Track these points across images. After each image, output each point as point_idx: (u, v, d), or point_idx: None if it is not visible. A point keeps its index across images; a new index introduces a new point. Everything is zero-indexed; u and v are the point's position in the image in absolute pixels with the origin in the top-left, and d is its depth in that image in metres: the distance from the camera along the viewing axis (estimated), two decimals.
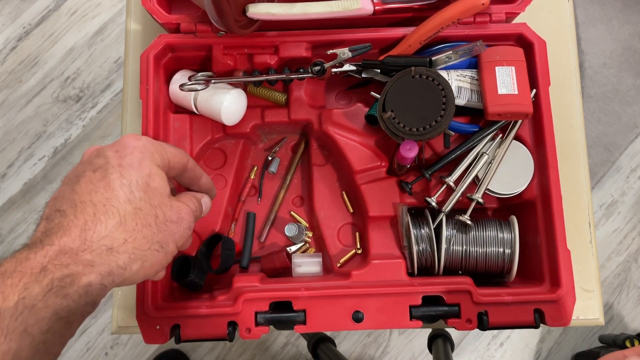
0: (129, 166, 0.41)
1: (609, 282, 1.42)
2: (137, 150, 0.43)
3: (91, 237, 0.38)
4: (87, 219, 0.38)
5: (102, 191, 0.40)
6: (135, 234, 0.40)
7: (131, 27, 0.71)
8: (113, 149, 0.42)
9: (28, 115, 1.51)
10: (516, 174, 0.59)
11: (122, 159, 0.42)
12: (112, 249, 0.38)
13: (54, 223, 0.38)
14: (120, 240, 0.39)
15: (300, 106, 0.63)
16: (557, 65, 0.67)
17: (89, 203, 0.39)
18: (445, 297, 0.54)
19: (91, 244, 0.38)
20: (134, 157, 0.42)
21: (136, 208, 0.40)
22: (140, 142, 0.43)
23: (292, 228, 0.64)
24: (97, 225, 0.38)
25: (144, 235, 0.40)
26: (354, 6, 0.57)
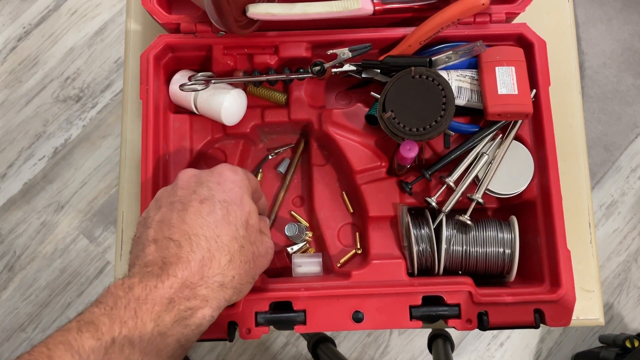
0: (233, 203, 0.44)
1: (609, 282, 1.42)
2: (237, 185, 0.46)
3: (207, 272, 0.41)
4: (204, 254, 0.41)
5: (213, 227, 0.43)
6: (240, 271, 0.43)
7: (131, 27, 0.71)
8: (214, 180, 0.45)
9: (28, 115, 1.51)
10: (516, 174, 0.59)
11: (226, 194, 0.45)
12: (223, 285, 0.42)
13: (169, 252, 0.41)
14: (230, 277, 0.42)
15: (300, 106, 0.63)
16: (557, 65, 0.67)
17: (202, 237, 0.42)
18: (445, 297, 0.54)
19: (207, 280, 0.41)
20: (235, 193, 0.45)
21: (241, 246, 0.44)
22: (238, 177, 0.46)
23: (292, 228, 0.64)
24: (212, 261, 0.42)
25: (245, 271, 0.44)
26: (354, 6, 0.57)
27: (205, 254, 0.41)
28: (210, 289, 0.41)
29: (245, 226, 0.45)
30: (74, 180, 1.48)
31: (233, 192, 0.45)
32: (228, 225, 0.43)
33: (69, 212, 1.46)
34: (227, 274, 0.42)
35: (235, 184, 0.46)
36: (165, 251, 0.41)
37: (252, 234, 0.45)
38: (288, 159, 0.67)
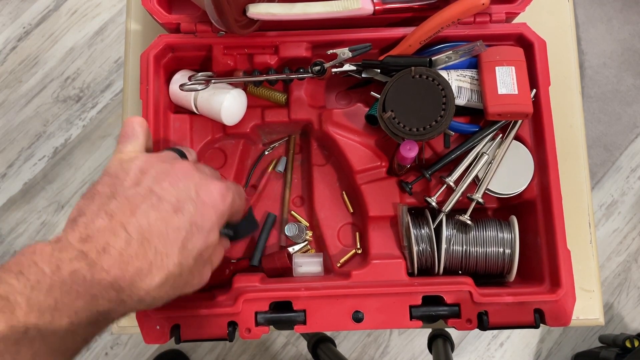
0: (202, 230, 0.42)
1: (609, 282, 1.42)
2: (217, 214, 0.43)
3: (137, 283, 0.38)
4: (143, 265, 0.38)
5: (169, 244, 0.40)
6: (161, 294, 0.40)
7: (131, 27, 0.71)
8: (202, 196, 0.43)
9: (28, 115, 1.51)
10: (516, 174, 0.59)
11: (202, 218, 0.42)
12: (142, 301, 0.39)
13: (115, 242, 0.38)
14: (151, 297, 0.39)
15: (300, 106, 0.63)
16: (557, 65, 0.67)
17: (152, 248, 0.39)
18: (445, 297, 0.54)
19: (132, 290, 0.38)
20: (210, 222, 0.43)
21: (179, 274, 0.41)
22: (223, 205, 0.44)
23: (293, 228, 0.64)
24: (147, 277, 0.39)
25: (167, 294, 0.41)
26: (354, 6, 0.57)
27: (145, 266, 0.38)
28: (130, 299, 0.38)
29: (196, 257, 0.42)
30: (74, 180, 1.48)
31: (208, 220, 0.42)
32: (182, 250, 0.40)
33: (69, 212, 1.45)
34: (150, 293, 0.39)
35: (215, 210, 0.43)
36: (111, 238, 0.38)
37: (197, 265, 0.43)
38: (285, 157, 0.67)
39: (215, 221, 0.43)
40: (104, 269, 0.37)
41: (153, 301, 0.40)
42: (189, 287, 0.44)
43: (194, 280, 0.44)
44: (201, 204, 0.42)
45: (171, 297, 0.42)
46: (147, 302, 0.40)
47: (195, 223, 0.41)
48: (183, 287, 0.43)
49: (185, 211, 0.41)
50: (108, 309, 0.37)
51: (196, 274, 0.44)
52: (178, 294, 0.43)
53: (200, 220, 0.42)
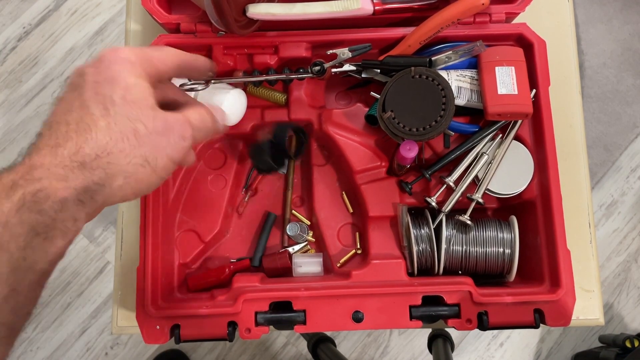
0: (105, 81, 0.40)
1: (609, 282, 1.42)
2: (115, 63, 0.41)
3: (62, 153, 0.37)
4: (59, 137, 0.37)
5: (77, 110, 0.39)
6: (108, 149, 0.38)
7: (131, 27, 0.71)
8: (92, 66, 0.41)
9: (28, 115, 1.51)
10: (516, 174, 0.59)
11: (99, 75, 0.40)
12: (85, 164, 0.37)
13: (32, 146, 0.38)
14: (92, 155, 0.37)
15: (300, 106, 0.63)
16: (557, 65, 0.67)
17: (63, 122, 0.38)
18: (445, 297, 0.54)
19: (63, 160, 0.37)
20: (111, 71, 0.40)
21: (109, 123, 0.38)
22: (118, 55, 0.41)
23: (294, 227, 0.64)
24: (68, 142, 0.37)
25: (120, 149, 0.38)
26: (354, 6, 0.57)
27: (61, 137, 0.37)
28: (68, 169, 0.37)
29: (121, 102, 0.39)
30: None
31: (108, 71, 0.40)
32: (95, 104, 0.39)
33: None
34: (87, 153, 0.37)
35: (113, 62, 0.40)
36: (29, 147, 0.38)
37: (132, 110, 0.39)
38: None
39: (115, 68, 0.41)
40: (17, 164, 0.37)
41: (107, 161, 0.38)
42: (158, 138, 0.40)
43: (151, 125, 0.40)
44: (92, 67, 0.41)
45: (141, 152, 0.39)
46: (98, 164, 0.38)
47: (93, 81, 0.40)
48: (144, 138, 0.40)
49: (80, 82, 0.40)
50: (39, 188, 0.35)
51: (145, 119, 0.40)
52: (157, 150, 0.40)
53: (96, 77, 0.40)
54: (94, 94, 0.39)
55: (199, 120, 0.44)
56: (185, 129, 0.42)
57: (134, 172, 0.39)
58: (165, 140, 0.41)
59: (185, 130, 0.42)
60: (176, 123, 0.42)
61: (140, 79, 0.41)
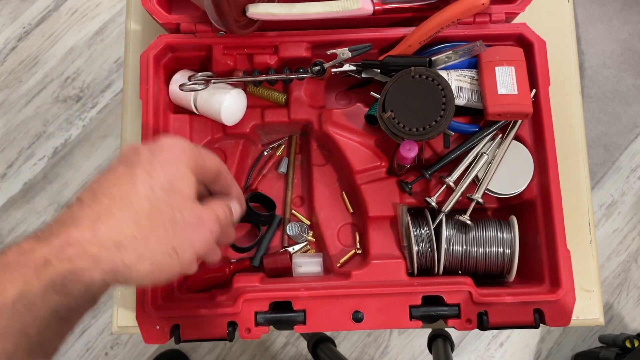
0: (158, 164, 0.40)
1: (609, 282, 1.42)
2: (171, 151, 0.42)
3: (101, 230, 0.36)
4: (101, 210, 0.37)
5: (124, 185, 0.38)
6: (146, 233, 0.38)
7: (131, 27, 0.71)
8: (148, 147, 0.42)
9: (28, 115, 1.51)
10: (516, 174, 0.59)
11: (154, 158, 0.40)
12: (120, 245, 0.36)
13: (69, 212, 0.37)
14: (130, 236, 0.37)
15: (300, 106, 0.63)
16: (557, 65, 0.67)
17: (107, 195, 0.38)
18: (445, 297, 0.54)
19: (100, 238, 0.36)
20: (165, 156, 0.41)
21: (154, 207, 0.38)
22: (176, 144, 0.42)
23: (294, 227, 0.64)
24: (110, 219, 0.37)
25: (156, 236, 0.38)
26: (354, 6, 0.57)
27: (103, 211, 0.37)
28: (104, 248, 0.35)
29: (168, 189, 0.39)
30: (74, 180, 1.47)
31: (163, 156, 0.41)
32: (142, 184, 0.38)
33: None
34: (126, 232, 0.37)
35: (169, 149, 0.41)
36: (66, 212, 0.37)
37: (176, 199, 0.40)
38: (287, 158, 0.67)
39: (169, 156, 0.41)
40: (54, 234, 0.35)
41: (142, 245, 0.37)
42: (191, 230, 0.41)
43: (189, 217, 0.40)
44: (148, 150, 0.41)
45: (173, 242, 0.39)
46: (133, 246, 0.37)
47: (146, 163, 0.40)
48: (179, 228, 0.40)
49: (134, 160, 0.40)
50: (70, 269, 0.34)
51: (185, 210, 0.40)
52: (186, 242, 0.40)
53: (151, 159, 0.40)
54: (145, 173, 0.39)
55: (223, 216, 0.44)
56: (214, 225, 0.43)
57: (161, 260, 0.39)
58: (195, 233, 0.41)
59: (214, 226, 0.43)
60: (207, 217, 0.42)
61: (189, 170, 0.42)
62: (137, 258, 0.37)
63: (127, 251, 0.37)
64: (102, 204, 0.37)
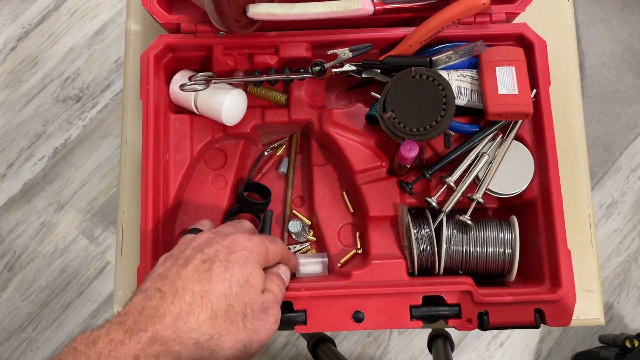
0: (235, 262, 0.44)
1: (609, 282, 1.42)
2: (247, 249, 0.45)
3: (182, 327, 0.39)
4: (183, 308, 0.40)
5: (204, 282, 0.41)
6: (221, 331, 0.40)
7: (131, 27, 0.71)
8: (225, 243, 0.45)
9: (28, 115, 1.51)
10: (516, 174, 0.59)
11: (230, 255, 0.44)
12: (199, 343, 0.39)
13: (151, 303, 0.40)
14: (207, 335, 0.40)
15: (300, 106, 0.63)
16: (557, 65, 0.67)
17: (189, 291, 0.40)
18: (446, 297, 0.54)
19: (181, 335, 0.39)
20: (241, 255, 0.44)
21: (229, 304, 0.41)
22: (251, 244, 0.46)
23: (297, 224, 0.63)
24: (190, 316, 0.39)
25: (229, 332, 0.41)
26: (354, 6, 0.57)
27: (185, 308, 0.40)
28: (184, 346, 0.39)
29: (243, 285, 0.43)
30: (74, 180, 1.48)
31: (239, 254, 0.44)
32: (222, 282, 0.42)
33: (69, 212, 1.46)
34: (204, 332, 0.40)
35: (245, 248, 0.45)
36: (147, 301, 0.40)
37: (248, 294, 0.43)
38: (287, 157, 0.67)
39: (246, 254, 0.45)
40: (140, 329, 0.38)
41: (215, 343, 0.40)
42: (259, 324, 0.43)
43: (259, 309, 0.44)
44: (225, 247, 0.45)
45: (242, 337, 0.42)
46: (208, 345, 0.40)
47: (224, 260, 0.44)
48: (249, 323, 0.43)
49: (212, 255, 0.44)
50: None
51: (256, 305, 0.44)
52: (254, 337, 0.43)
53: (229, 257, 0.44)
54: (224, 271, 0.43)
55: (279, 293, 0.48)
56: (278, 309, 0.46)
57: (232, 356, 0.42)
58: (262, 325, 0.44)
59: (277, 314, 0.46)
60: (274, 306, 0.46)
61: (259, 266, 0.46)
62: (210, 354, 0.40)
63: (204, 349, 0.40)
64: (183, 300, 0.40)
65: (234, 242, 0.46)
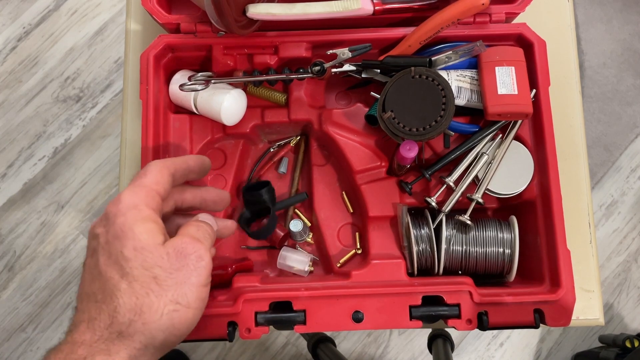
0: (114, 239, 0.39)
1: (609, 282, 1.42)
2: (118, 216, 0.39)
3: (99, 326, 0.37)
4: (91, 310, 0.38)
5: (98, 278, 0.39)
6: (138, 309, 0.37)
7: (131, 27, 0.71)
8: (100, 225, 0.41)
9: (28, 115, 1.51)
10: (516, 174, 0.59)
11: (108, 234, 0.39)
12: (122, 333, 0.37)
13: (71, 321, 0.39)
14: (126, 322, 0.37)
15: (300, 106, 0.63)
16: (557, 65, 0.67)
17: (91, 294, 0.39)
18: (445, 297, 0.54)
19: (102, 334, 0.37)
20: (117, 225, 0.39)
21: (130, 282, 0.38)
22: (120, 206, 0.40)
23: (298, 224, 0.63)
24: (101, 314, 0.37)
25: (148, 305, 0.37)
26: (354, 6, 0.57)
27: (93, 309, 0.38)
28: (109, 341, 0.37)
29: (133, 255, 0.38)
30: (74, 180, 1.48)
31: (115, 226, 0.39)
32: (111, 267, 0.38)
33: (69, 212, 1.46)
34: (120, 321, 0.37)
35: (117, 215, 0.39)
36: (71, 321, 0.40)
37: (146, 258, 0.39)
38: (287, 158, 0.67)
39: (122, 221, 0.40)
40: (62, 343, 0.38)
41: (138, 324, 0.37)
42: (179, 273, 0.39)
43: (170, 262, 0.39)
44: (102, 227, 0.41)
45: (170, 298, 0.38)
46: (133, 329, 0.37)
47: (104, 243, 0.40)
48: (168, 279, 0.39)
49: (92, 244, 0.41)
50: None
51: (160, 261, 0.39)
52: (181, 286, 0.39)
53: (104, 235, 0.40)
54: (108, 256, 0.39)
55: (204, 231, 0.43)
56: (196, 247, 0.41)
57: (170, 321, 0.38)
58: (185, 271, 0.39)
59: (198, 249, 0.41)
60: (186, 247, 0.40)
61: (146, 221, 0.40)
62: (145, 337, 0.37)
63: (133, 335, 0.37)
64: (89, 303, 0.38)
65: (106, 216, 0.40)
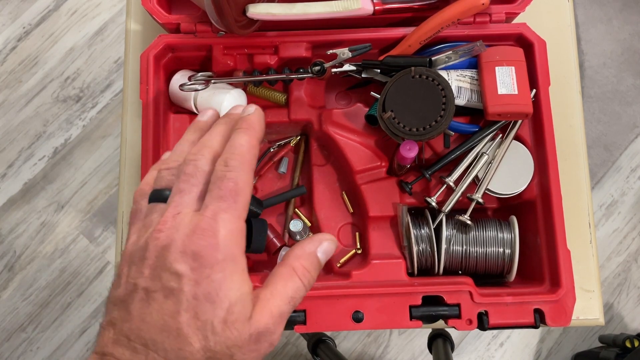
0: (205, 299, 0.34)
1: (609, 282, 1.42)
2: (217, 268, 0.34)
3: None
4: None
5: (175, 336, 0.33)
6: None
7: (131, 27, 0.71)
8: (190, 268, 0.34)
9: (28, 115, 1.51)
10: (516, 174, 0.59)
11: (198, 287, 0.34)
12: None
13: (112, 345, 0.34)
14: None
15: (300, 106, 0.63)
16: (557, 65, 0.67)
17: (160, 347, 0.33)
18: (446, 297, 0.54)
19: None
20: (214, 284, 0.34)
21: (209, 357, 0.34)
22: (218, 255, 0.35)
23: (298, 224, 0.63)
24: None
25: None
26: (354, 6, 0.57)
27: None
28: None
29: (222, 329, 0.34)
30: (74, 180, 1.48)
31: (210, 282, 0.34)
32: (195, 334, 0.33)
33: (69, 212, 1.46)
34: None
35: (215, 269, 0.34)
36: (118, 350, 0.34)
37: (231, 335, 0.34)
38: (287, 157, 0.67)
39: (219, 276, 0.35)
40: None
41: None
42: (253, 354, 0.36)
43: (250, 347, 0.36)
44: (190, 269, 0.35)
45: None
46: None
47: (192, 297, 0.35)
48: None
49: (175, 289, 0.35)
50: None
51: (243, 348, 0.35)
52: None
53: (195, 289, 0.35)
54: (193, 316, 0.34)
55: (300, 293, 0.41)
56: (274, 338, 0.38)
57: None
58: (255, 354, 0.36)
59: (275, 333, 0.38)
60: (266, 333, 0.37)
61: (242, 283, 0.37)
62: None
63: None
64: (146, 354, 0.33)
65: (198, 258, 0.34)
